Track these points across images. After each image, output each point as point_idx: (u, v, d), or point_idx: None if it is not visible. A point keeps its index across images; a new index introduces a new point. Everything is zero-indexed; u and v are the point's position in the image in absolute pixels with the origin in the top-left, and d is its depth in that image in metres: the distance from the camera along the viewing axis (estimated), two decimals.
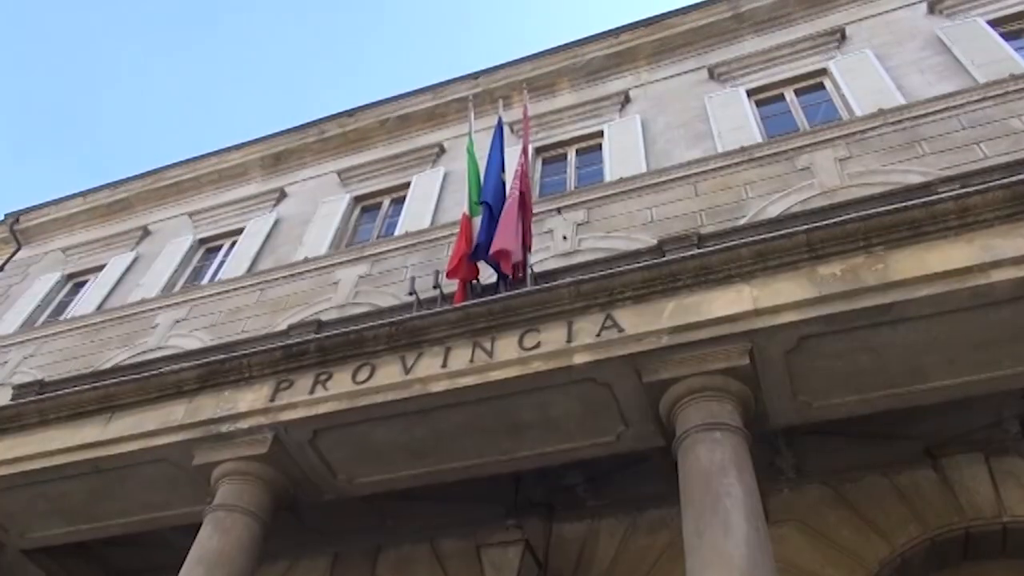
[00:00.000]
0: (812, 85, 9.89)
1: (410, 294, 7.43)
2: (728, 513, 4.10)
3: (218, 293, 10.43)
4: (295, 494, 5.82)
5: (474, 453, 5.57)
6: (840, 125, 8.64)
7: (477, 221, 7.34)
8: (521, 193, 7.32)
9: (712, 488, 4.24)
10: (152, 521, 6.24)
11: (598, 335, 5.07)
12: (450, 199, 10.43)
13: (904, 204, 4.88)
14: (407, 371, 5.42)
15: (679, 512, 4.44)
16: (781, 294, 4.80)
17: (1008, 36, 9.23)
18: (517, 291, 5.63)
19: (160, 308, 10.67)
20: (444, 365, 5.35)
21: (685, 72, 10.90)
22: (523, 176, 7.57)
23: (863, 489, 5.62)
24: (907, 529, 5.36)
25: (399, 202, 11.10)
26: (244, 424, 5.62)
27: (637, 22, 11.55)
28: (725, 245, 5.15)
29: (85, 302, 11.77)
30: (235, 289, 10.34)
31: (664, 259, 5.30)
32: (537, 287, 5.56)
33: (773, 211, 7.70)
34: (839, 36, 10.18)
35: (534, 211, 8.13)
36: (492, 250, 6.69)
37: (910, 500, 5.47)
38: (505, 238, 6.70)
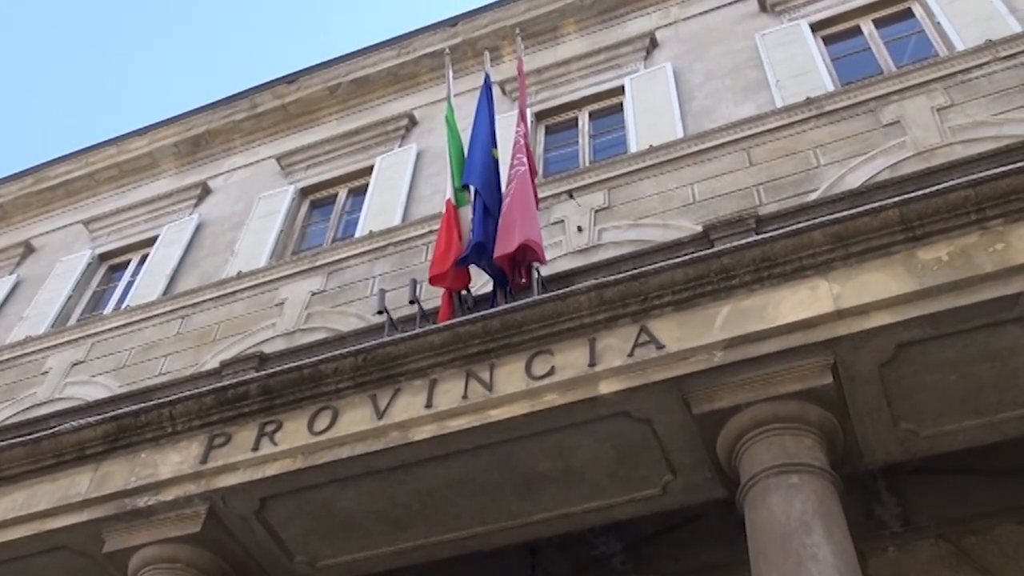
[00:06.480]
0: (898, 13, 9.93)
1: (379, 313, 7.45)
2: None
3: (126, 324, 10.44)
4: None
5: (474, 519, 5.57)
6: (937, 64, 8.66)
7: (466, 211, 7.35)
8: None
9: (792, 550, 4.24)
10: None
11: (630, 355, 5.08)
12: (426, 186, 10.46)
13: None
14: (380, 415, 5.43)
15: None
16: (870, 289, 4.81)
17: None
18: (521, 302, 5.64)
19: (51, 348, 10.67)
20: (429, 404, 5.36)
21: (729, 4, 10.94)
22: (527, 149, 7.58)
23: (994, 543, 5.61)
24: None
25: (359, 193, 11.13)
26: (168, 495, 5.63)
27: None
28: (793, 228, 5.17)
29: None
30: (148, 318, 10.35)
31: (713, 250, 5.32)
32: (547, 295, 5.57)
33: (853, 181, 7.72)
34: None
35: (538, 196, 8.14)
36: (506, 249, 6.58)
37: None
38: (527, 228, 6.68)
